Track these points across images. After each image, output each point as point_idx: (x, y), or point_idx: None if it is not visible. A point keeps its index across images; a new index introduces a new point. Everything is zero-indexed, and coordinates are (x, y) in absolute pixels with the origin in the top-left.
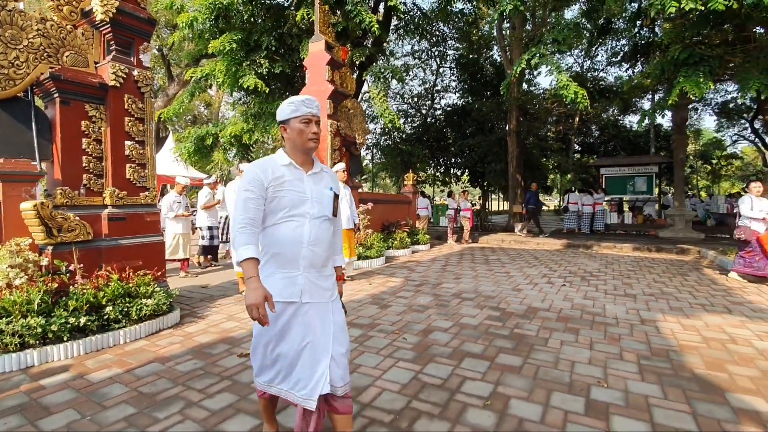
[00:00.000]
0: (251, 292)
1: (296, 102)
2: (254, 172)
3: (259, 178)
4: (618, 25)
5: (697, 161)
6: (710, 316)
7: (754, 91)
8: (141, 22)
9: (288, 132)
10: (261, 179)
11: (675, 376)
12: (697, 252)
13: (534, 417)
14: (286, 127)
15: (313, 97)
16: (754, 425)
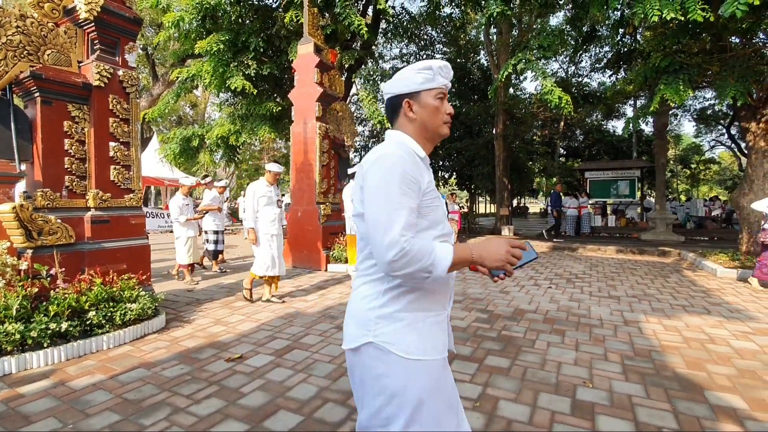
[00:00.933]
0: (488, 248)
1: (433, 68)
2: (404, 162)
3: (415, 176)
4: (602, 32)
5: (677, 166)
6: (690, 316)
7: (731, 98)
8: (126, 21)
9: (415, 110)
10: (417, 179)
11: (657, 376)
12: (677, 254)
13: (522, 418)
14: (412, 103)
15: (449, 65)
16: (731, 422)
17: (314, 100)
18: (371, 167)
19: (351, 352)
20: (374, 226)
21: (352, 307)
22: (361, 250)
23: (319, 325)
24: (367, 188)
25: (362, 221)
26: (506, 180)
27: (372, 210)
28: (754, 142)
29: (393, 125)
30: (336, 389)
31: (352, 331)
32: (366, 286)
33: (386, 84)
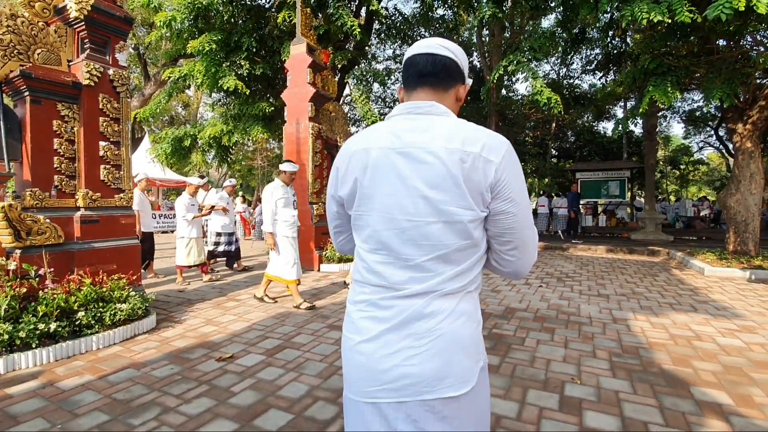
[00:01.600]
0: None
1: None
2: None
3: None
4: (592, 34)
5: (667, 166)
6: (677, 314)
7: (717, 100)
8: (117, 20)
9: (461, 93)
10: None
11: (644, 372)
12: (666, 253)
13: (511, 414)
14: (461, 87)
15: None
16: (716, 417)
17: (307, 101)
18: (508, 161)
19: (454, 399)
20: (529, 231)
21: (455, 336)
22: (466, 258)
23: (312, 324)
24: (517, 184)
25: (475, 225)
26: None
27: (525, 211)
28: (741, 143)
29: (437, 99)
30: (326, 388)
31: (465, 365)
32: (465, 303)
33: (454, 47)
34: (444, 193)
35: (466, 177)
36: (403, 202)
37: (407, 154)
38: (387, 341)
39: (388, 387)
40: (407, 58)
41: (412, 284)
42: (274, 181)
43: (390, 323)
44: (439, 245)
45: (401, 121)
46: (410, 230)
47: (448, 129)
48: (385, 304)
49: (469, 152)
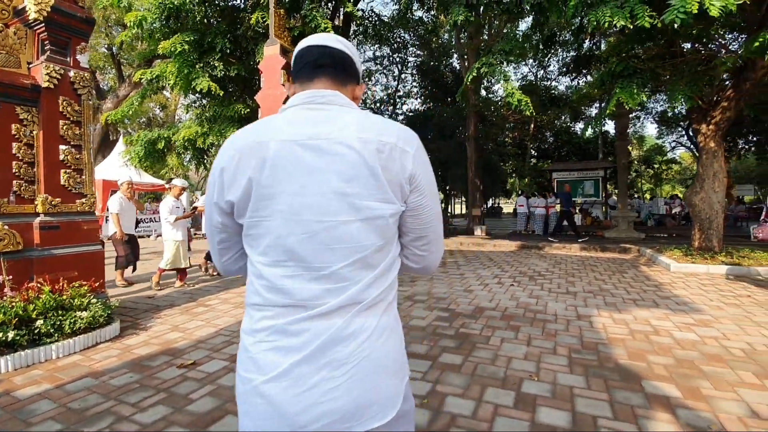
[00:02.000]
0: None
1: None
2: None
3: None
4: (567, 37)
5: (641, 166)
6: (639, 310)
7: (680, 102)
8: (78, 21)
9: (357, 93)
10: None
11: (600, 367)
12: (636, 251)
13: (466, 412)
14: (357, 88)
15: None
16: (663, 410)
17: (281, 102)
18: (421, 152)
19: (384, 425)
20: (440, 224)
21: (381, 357)
22: (382, 260)
23: None
24: (431, 177)
25: (395, 220)
26: (478, 181)
27: (437, 204)
28: (705, 143)
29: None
30: None
31: (391, 387)
32: (387, 316)
33: (349, 45)
34: (361, 186)
35: (384, 167)
36: (313, 201)
37: (315, 147)
38: (299, 376)
39: (307, 431)
40: (299, 50)
41: (328, 298)
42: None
43: (302, 353)
44: (357, 247)
45: (301, 111)
46: (322, 233)
47: (357, 119)
48: (295, 329)
49: (385, 142)
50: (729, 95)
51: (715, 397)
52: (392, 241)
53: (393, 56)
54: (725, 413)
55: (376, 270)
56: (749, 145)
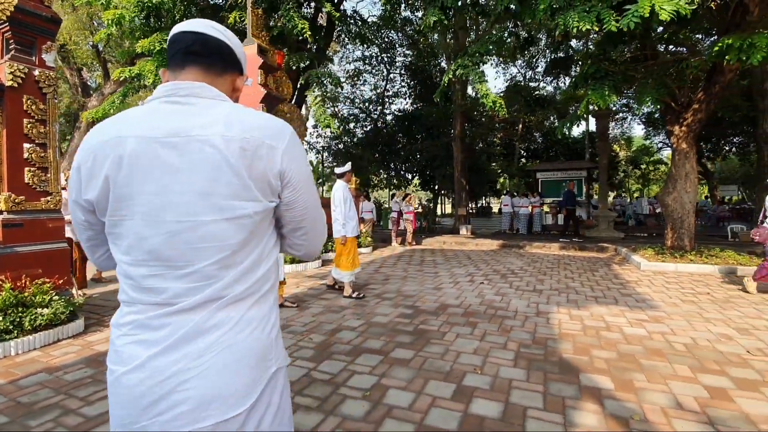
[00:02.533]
0: None
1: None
2: None
3: None
4: (544, 40)
5: (629, 166)
6: (598, 306)
7: (646, 103)
8: (43, 20)
9: (239, 84)
10: None
11: (544, 361)
12: (614, 250)
13: (404, 404)
14: (239, 78)
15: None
16: (591, 401)
17: (258, 102)
18: (293, 147)
19: (235, 418)
20: (317, 213)
21: (241, 348)
22: (250, 255)
23: None
24: (304, 171)
25: (262, 217)
26: (464, 181)
27: (314, 196)
28: (677, 144)
29: (209, 82)
30: None
31: (249, 379)
32: (257, 309)
33: (229, 33)
34: (224, 186)
35: (249, 166)
36: (174, 201)
37: (175, 145)
38: (156, 368)
39: (160, 419)
40: (171, 35)
41: (191, 295)
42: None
43: (161, 345)
44: (221, 246)
45: (164, 104)
46: (184, 232)
47: (224, 114)
48: (156, 324)
49: (250, 139)
50: (700, 98)
51: (646, 389)
52: (262, 236)
53: (381, 56)
54: (651, 404)
55: (241, 266)
56: (732, 146)
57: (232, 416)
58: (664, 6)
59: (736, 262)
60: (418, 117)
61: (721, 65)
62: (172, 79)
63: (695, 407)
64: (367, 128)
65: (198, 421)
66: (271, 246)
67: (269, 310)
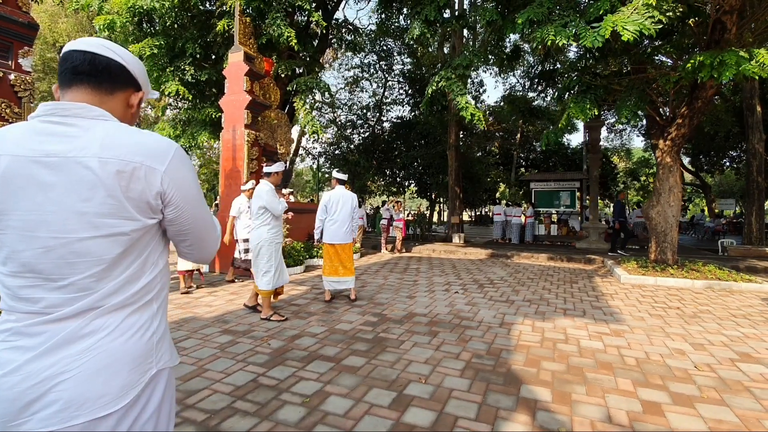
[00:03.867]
0: None
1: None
2: None
3: None
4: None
5: (628, 178)
6: (564, 319)
7: (624, 117)
8: (20, 26)
9: (134, 105)
10: None
11: (491, 372)
12: (601, 261)
13: (340, 411)
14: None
15: None
16: (524, 412)
17: (243, 108)
18: (175, 167)
19: (106, 417)
20: (206, 227)
21: (118, 352)
22: (129, 268)
23: (206, 329)
24: (188, 189)
25: (141, 233)
26: (458, 189)
27: (199, 212)
28: (662, 157)
29: (98, 102)
30: (182, 389)
31: (126, 381)
32: (137, 316)
33: (122, 51)
34: (99, 205)
35: (125, 188)
36: (48, 219)
37: (51, 165)
38: (31, 372)
39: (35, 418)
40: (63, 53)
41: (66, 306)
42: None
43: (37, 351)
44: (96, 261)
45: (44, 124)
46: (59, 248)
47: (102, 136)
48: (32, 331)
49: (128, 162)
50: (683, 113)
51: (582, 402)
52: (143, 249)
53: (379, 63)
54: (582, 417)
55: (119, 278)
56: (728, 160)
57: (104, 415)
58: (627, 26)
59: (715, 276)
60: (415, 125)
61: (702, 82)
62: (60, 96)
63: (624, 421)
64: (364, 135)
65: (69, 420)
66: (156, 257)
67: (151, 317)
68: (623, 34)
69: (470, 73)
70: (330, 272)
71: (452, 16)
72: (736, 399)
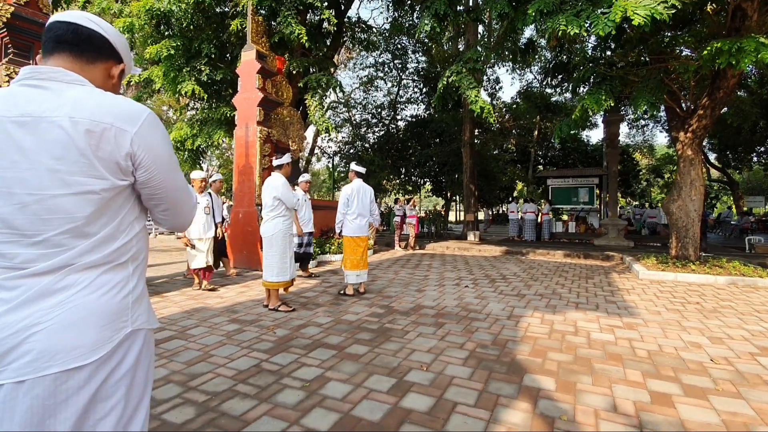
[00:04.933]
0: None
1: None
2: None
3: None
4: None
5: (652, 175)
6: (575, 312)
7: (641, 108)
8: (40, 26)
9: (115, 76)
10: None
11: (495, 362)
12: (620, 258)
13: (338, 395)
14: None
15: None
16: (526, 400)
17: (255, 105)
18: (146, 130)
19: (79, 369)
20: (179, 192)
21: (91, 307)
22: (104, 228)
23: (215, 318)
24: (160, 152)
25: (112, 194)
26: (473, 187)
27: (171, 176)
28: (683, 150)
29: (78, 69)
30: (186, 373)
31: (99, 335)
32: (111, 274)
33: (106, 25)
34: (71, 164)
35: (95, 147)
36: (24, 176)
37: (25, 124)
38: (6, 323)
39: (10, 367)
40: (48, 24)
41: (41, 261)
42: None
43: (12, 303)
44: (69, 218)
45: (21, 87)
46: (33, 204)
47: (75, 98)
48: (9, 285)
49: (98, 122)
50: (704, 103)
51: (586, 392)
52: (117, 211)
53: (394, 62)
54: (585, 406)
55: (94, 237)
56: (757, 156)
57: (76, 367)
58: (637, 11)
59: (739, 273)
60: (429, 123)
61: (724, 71)
62: (42, 63)
63: (630, 411)
64: (379, 134)
65: (42, 370)
66: (131, 220)
67: (127, 277)
68: (634, 19)
69: (481, 67)
70: (353, 266)
71: (463, 9)
72: (754, 392)
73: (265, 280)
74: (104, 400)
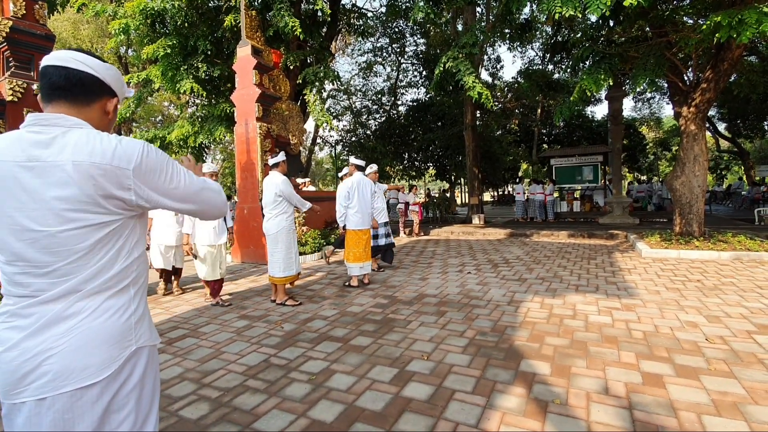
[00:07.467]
0: None
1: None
2: None
3: None
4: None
5: (659, 149)
6: (575, 295)
7: (641, 85)
8: (39, 38)
9: (110, 111)
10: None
11: (493, 348)
12: (624, 236)
13: (343, 387)
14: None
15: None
16: (522, 385)
17: (254, 101)
18: (144, 163)
19: (92, 386)
20: (204, 192)
21: (97, 330)
22: (104, 256)
23: (225, 315)
24: (164, 174)
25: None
26: (476, 170)
27: (187, 184)
28: (685, 125)
29: (76, 113)
30: (199, 370)
31: (107, 355)
32: (114, 300)
33: (92, 61)
34: (74, 203)
35: (97, 187)
36: (33, 215)
37: (32, 168)
38: (26, 348)
39: (32, 387)
40: (41, 68)
41: (51, 289)
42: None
43: (29, 330)
44: (74, 250)
45: (28, 133)
46: (42, 240)
47: (75, 141)
48: (25, 312)
49: (98, 164)
50: (708, 76)
51: (580, 375)
52: (116, 239)
53: (392, 46)
54: (578, 389)
55: (96, 265)
56: None
57: (88, 384)
58: None
59: (744, 247)
60: (430, 106)
61: (729, 42)
62: (43, 109)
63: (621, 393)
64: (380, 120)
65: (59, 388)
66: (130, 247)
67: (129, 300)
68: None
69: (478, 51)
70: (356, 258)
71: None
72: (747, 371)
73: (271, 276)
74: (117, 411)
